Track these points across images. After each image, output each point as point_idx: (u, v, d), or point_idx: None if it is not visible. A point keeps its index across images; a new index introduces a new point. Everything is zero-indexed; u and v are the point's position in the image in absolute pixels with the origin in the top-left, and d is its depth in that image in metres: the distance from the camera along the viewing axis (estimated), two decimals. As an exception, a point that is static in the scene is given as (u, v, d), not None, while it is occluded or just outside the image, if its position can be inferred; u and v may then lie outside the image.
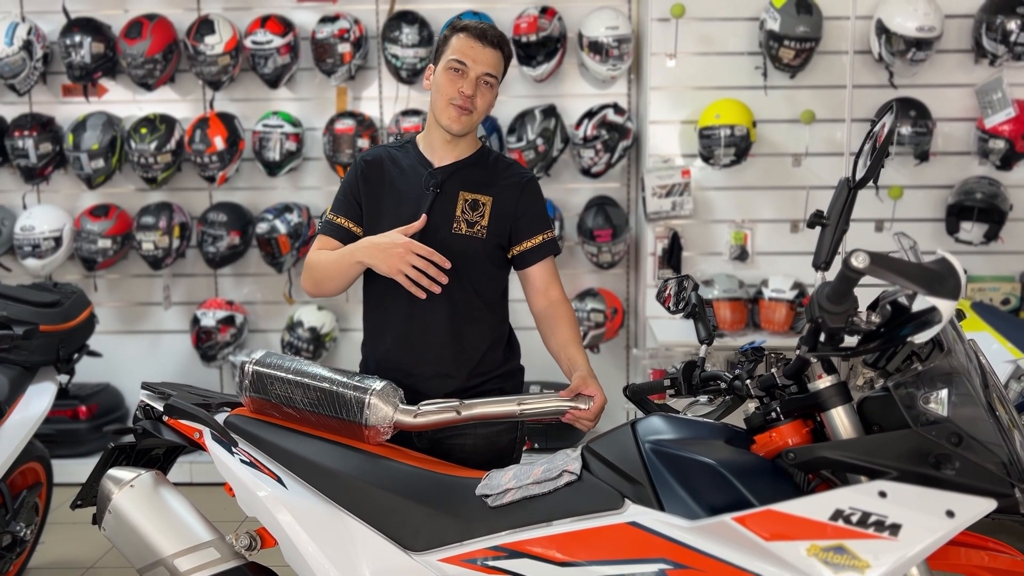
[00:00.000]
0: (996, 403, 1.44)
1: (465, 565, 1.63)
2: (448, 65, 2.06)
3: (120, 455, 2.10)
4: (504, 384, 2.17)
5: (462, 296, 2.10)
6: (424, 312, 2.09)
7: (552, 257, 2.18)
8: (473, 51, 2.05)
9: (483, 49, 2.05)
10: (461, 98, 2.04)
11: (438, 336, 2.10)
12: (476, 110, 2.07)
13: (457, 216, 2.10)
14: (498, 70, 2.09)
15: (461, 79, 2.05)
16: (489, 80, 2.07)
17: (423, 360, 2.10)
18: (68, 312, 3.14)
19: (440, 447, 2.05)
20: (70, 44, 4.23)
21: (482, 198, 2.12)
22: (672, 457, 1.53)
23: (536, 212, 2.16)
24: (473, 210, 2.11)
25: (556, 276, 2.19)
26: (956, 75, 4.12)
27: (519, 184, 2.15)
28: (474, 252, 2.10)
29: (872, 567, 1.31)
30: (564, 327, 2.11)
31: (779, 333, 4.02)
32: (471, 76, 2.04)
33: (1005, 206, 4.05)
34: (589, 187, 4.42)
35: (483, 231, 2.11)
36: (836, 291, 1.35)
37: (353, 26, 4.24)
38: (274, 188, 4.48)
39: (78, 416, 4.30)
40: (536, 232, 2.15)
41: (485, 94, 2.08)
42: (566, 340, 2.08)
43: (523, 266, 2.16)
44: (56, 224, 4.32)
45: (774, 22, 3.93)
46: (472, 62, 2.04)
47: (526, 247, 2.14)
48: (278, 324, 4.54)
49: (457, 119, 2.07)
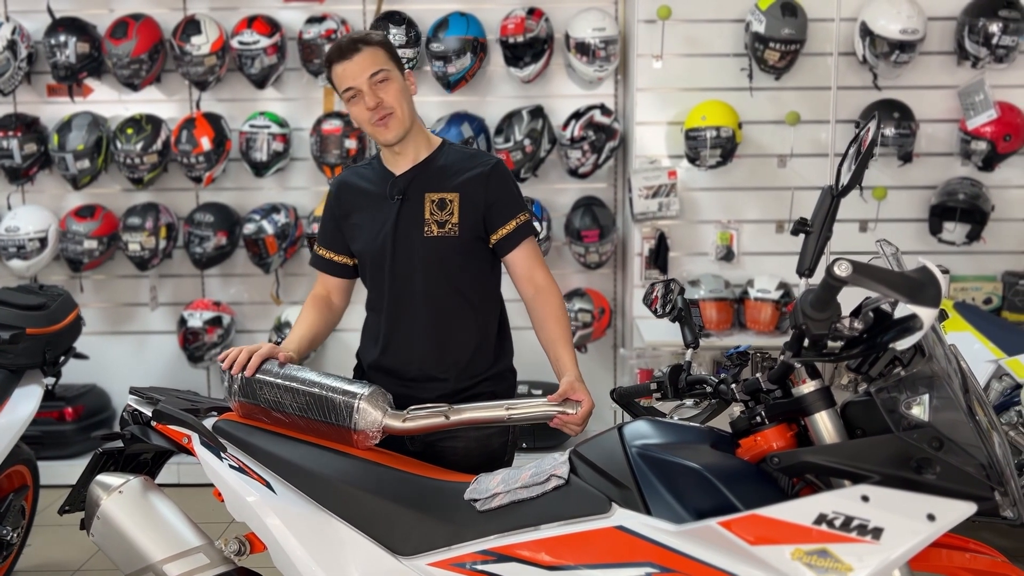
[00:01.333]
0: (976, 406, 1.46)
1: (454, 569, 1.64)
2: (345, 99, 2.09)
3: (108, 460, 2.09)
4: (496, 387, 2.17)
5: (444, 298, 2.11)
6: (408, 318, 2.11)
7: (532, 238, 2.16)
8: (346, 72, 2.05)
9: (352, 62, 2.05)
10: (372, 114, 2.06)
11: (423, 341, 2.11)
12: (393, 109, 2.07)
13: (426, 219, 2.09)
14: (380, 63, 2.06)
15: (360, 100, 2.06)
16: (380, 77, 2.05)
17: (410, 365, 2.12)
18: (54, 315, 3.13)
19: (433, 450, 2.06)
20: (55, 44, 4.21)
21: (448, 196, 2.11)
22: (658, 461, 1.54)
23: (506, 197, 2.14)
24: (441, 209, 2.10)
25: (538, 258, 2.16)
26: (939, 77, 4.16)
27: (484, 173, 2.12)
28: (450, 252, 2.10)
29: (855, 570, 1.33)
30: (552, 321, 2.09)
31: (765, 333, 4.05)
32: (364, 90, 2.04)
33: (987, 207, 4.10)
34: (576, 187, 4.44)
35: (455, 228, 2.10)
36: (819, 298, 1.37)
37: (340, 26, 4.23)
38: (261, 189, 4.47)
39: (64, 418, 4.27)
40: (509, 217, 2.13)
41: (388, 89, 2.06)
42: (554, 337, 2.08)
43: (504, 253, 2.15)
44: (41, 225, 4.29)
45: (759, 24, 3.96)
46: (353, 80, 2.05)
47: (502, 234, 2.13)
48: (265, 325, 4.53)
49: (384, 130, 2.08)
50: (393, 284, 2.12)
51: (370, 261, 2.16)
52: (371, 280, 2.19)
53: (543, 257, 2.20)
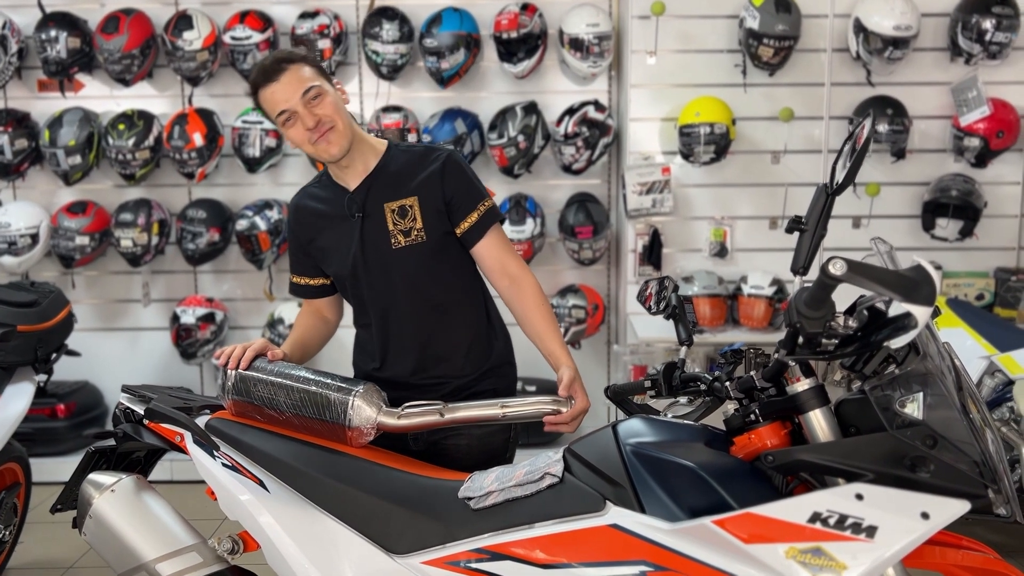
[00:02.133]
0: (969, 404, 1.47)
1: (448, 568, 1.64)
2: (280, 123, 1.99)
3: (100, 459, 2.09)
4: (498, 384, 2.15)
5: (428, 303, 2.08)
6: (397, 329, 2.10)
7: (497, 225, 2.10)
8: (275, 94, 1.96)
9: (280, 84, 1.95)
10: (312, 134, 1.97)
11: (416, 348, 2.09)
12: (334, 122, 1.98)
13: (391, 231, 2.04)
14: (307, 80, 1.97)
15: (296, 122, 1.97)
16: (312, 92, 1.96)
17: (409, 373, 2.10)
18: (46, 312, 3.11)
19: (436, 448, 2.05)
20: (45, 39, 4.18)
21: (407, 201, 2.05)
22: (652, 460, 1.54)
23: (464, 188, 2.07)
24: (403, 217, 2.04)
25: (507, 246, 2.10)
26: (932, 73, 4.17)
27: (438, 169, 2.06)
28: (423, 258, 2.06)
29: (849, 568, 1.33)
30: (535, 313, 2.04)
31: (758, 329, 4.06)
32: (299, 111, 1.95)
33: (980, 203, 4.10)
34: (570, 184, 4.43)
35: (421, 234, 2.04)
36: (814, 297, 1.37)
37: (333, 22, 4.22)
38: (254, 184, 4.46)
39: (56, 415, 4.26)
40: (471, 208, 2.06)
41: (323, 104, 1.97)
42: (540, 330, 2.03)
43: (472, 244, 2.08)
44: (33, 221, 4.27)
45: (753, 20, 3.95)
46: (285, 103, 1.95)
47: (465, 227, 2.07)
48: (259, 321, 4.52)
49: (328, 146, 1.99)
50: (374, 300, 2.10)
51: (346, 282, 2.12)
52: (352, 298, 2.16)
53: (511, 244, 2.14)
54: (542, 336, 2.03)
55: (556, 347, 2.01)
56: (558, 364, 1.98)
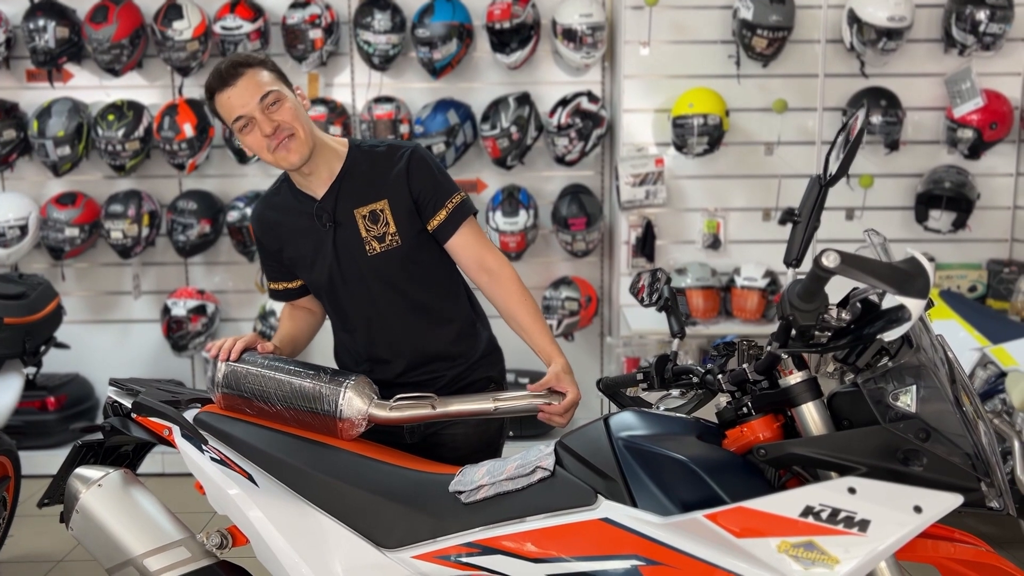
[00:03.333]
0: (962, 396, 1.46)
1: (438, 562, 1.63)
2: (237, 129, 1.92)
3: (88, 452, 2.06)
4: (490, 370, 2.14)
5: (410, 307, 2.05)
6: (382, 333, 2.07)
7: (471, 219, 2.04)
8: (232, 99, 1.88)
9: (236, 89, 1.88)
10: (271, 139, 1.90)
11: (403, 349, 2.07)
12: (294, 129, 1.90)
13: (364, 237, 1.99)
14: (267, 84, 1.89)
15: (253, 128, 1.90)
16: (270, 98, 1.89)
17: (398, 373, 2.09)
18: (34, 304, 3.09)
19: (433, 439, 2.04)
20: (34, 28, 4.14)
21: (377, 205, 1.99)
22: (644, 453, 1.53)
23: (431, 185, 2.01)
24: (375, 223, 1.99)
25: (482, 240, 2.04)
26: (926, 65, 4.16)
27: (403, 168, 2.00)
28: (399, 262, 2.01)
29: (842, 562, 1.32)
30: (518, 308, 2.00)
31: (751, 321, 4.06)
32: (257, 116, 1.89)
33: (973, 195, 4.10)
34: (563, 175, 4.42)
35: (396, 238, 1.99)
36: (807, 289, 1.36)
37: (324, 12, 4.18)
38: (245, 175, 4.43)
39: (47, 407, 4.24)
40: (440, 204, 2.01)
41: (282, 110, 1.90)
42: (526, 325, 1.99)
43: (445, 240, 2.03)
44: (22, 212, 4.24)
45: (747, 11, 3.94)
46: (243, 108, 1.88)
47: (435, 224, 2.01)
48: (250, 313, 4.50)
49: (288, 155, 1.91)
50: (356, 308, 2.06)
51: (323, 291, 2.09)
52: (330, 307, 2.12)
53: (486, 237, 2.08)
54: (528, 331, 2.00)
55: (544, 341, 1.97)
56: (548, 359, 1.95)
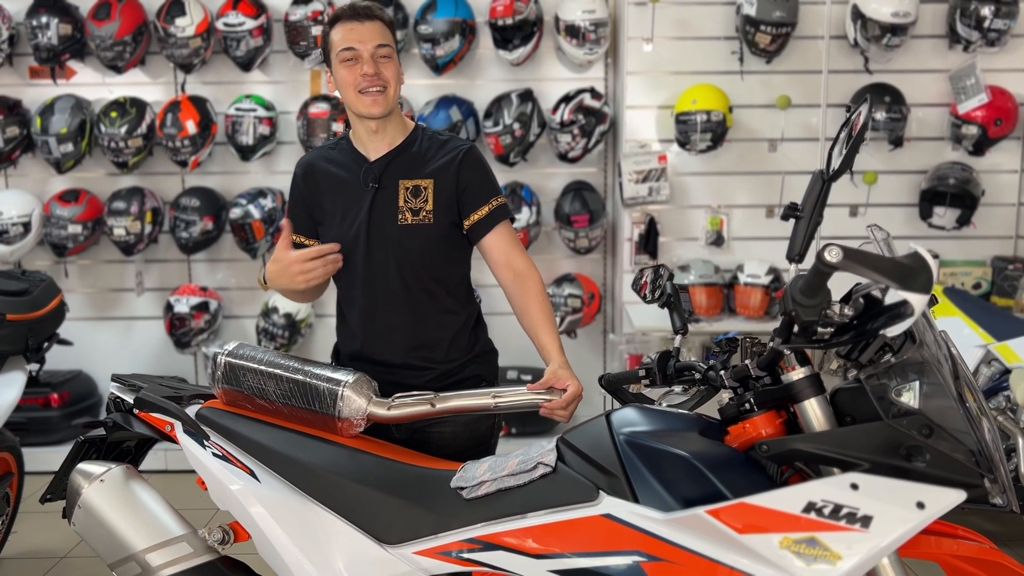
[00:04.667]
0: (966, 392, 1.45)
1: (440, 557, 1.62)
2: (340, 58, 2.03)
3: (90, 448, 2.07)
4: (482, 369, 2.16)
5: (420, 287, 2.07)
6: (384, 309, 2.08)
7: (508, 223, 2.12)
8: (355, 32, 2.02)
9: (363, 26, 2.02)
10: (366, 80, 2.01)
11: (402, 330, 2.08)
12: (388, 84, 2.03)
13: (401, 207, 2.06)
14: (387, 39, 2.04)
15: (357, 64, 2.02)
16: (384, 52, 2.03)
17: (392, 355, 2.09)
18: (37, 301, 3.09)
19: (420, 436, 2.04)
20: (36, 25, 4.14)
21: (423, 182, 2.07)
22: (646, 449, 1.53)
23: (479, 181, 2.10)
24: (416, 196, 2.07)
25: (516, 243, 2.12)
26: (930, 61, 4.15)
27: (456, 158, 2.09)
28: (425, 239, 2.06)
29: (844, 558, 1.32)
30: (534, 306, 2.05)
31: (754, 318, 4.05)
32: (365, 56, 2.01)
33: (977, 191, 4.09)
34: (566, 172, 4.41)
35: (429, 216, 2.06)
36: (809, 284, 1.35)
37: (327, 8, 4.18)
38: (247, 173, 4.43)
39: (50, 404, 4.24)
40: (482, 202, 2.09)
41: (388, 66, 2.04)
42: (536, 323, 2.04)
43: (478, 238, 2.10)
44: (25, 209, 4.24)
45: (750, 7, 3.92)
46: (359, 43, 2.01)
47: (474, 219, 2.08)
48: (253, 310, 4.50)
49: (373, 102, 2.03)
50: (367, 273, 2.08)
51: (342, 250, 2.09)
52: (343, 269, 2.12)
53: (519, 239, 2.16)
54: (537, 329, 2.05)
55: (548, 340, 2.02)
56: (548, 357, 1.99)
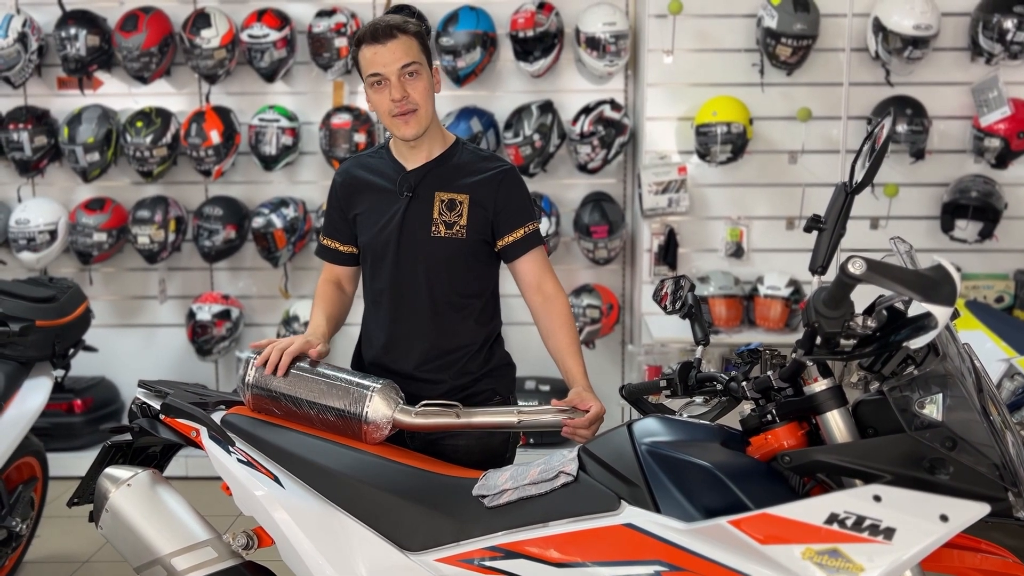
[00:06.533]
0: (990, 406, 1.45)
1: (462, 565, 1.63)
2: (369, 83, 2.02)
3: (117, 453, 2.09)
4: (497, 384, 2.16)
5: (445, 299, 2.09)
6: (408, 316, 2.10)
7: (541, 248, 2.13)
8: (377, 56, 1.98)
9: (385, 47, 1.98)
10: (396, 105, 2.00)
11: (423, 340, 2.10)
12: (419, 106, 2.01)
13: (435, 219, 2.06)
14: (412, 55, 2.00)
15: (385, 88, 2.00)
16: (411, 69, 1.99)
17: (410, 364, 2.11)
18: (64, 307, 3.13)
19: (434, 447, 2.05)
20: (65, 36, 4.21)
21: (459, 197, 2.07)
22: (668, 459, 1.53)
23: (516, 205, 2.10)
24: (451, 210, 2.07)
25: (547, 268, 2.13)
26: (952, 73, 4.13)
27: (495, 178, 2.09)
28: (456, 253, 2.07)
29: (866, 570, 1.32)
30: (560, 331, 2.08)
31: (774, 330, 4.04)
32: (392, 80, 1.98)
33: (1000, 204, 4.07)
34: (585, 183, 4.42)
35: (463, 231, 2.06)
36: (833, 296, 1.36)
37: (350, 20, 4.22)
38: (270, 182, 4.48)
39: (73, 410, 4.29)
40: (517, 225, 2.09)
41: (416, 85, 2.00)
42: (563, 347, 2.06)
43: (510, 260, 2.12)
44: (51, 217, 4.30)
45: (771, 19, 3.93)
46: (383, 67, 1.98)
47: (508, 241, 2.09)
48: (274, 318, 4.54)
49: (405, 125, 2.02)
50: (395, 281, 2.10)
51: (372, 256, 2.13)
52: (372, 274, 2.16)
53: (550, 263, 2.17)
54: (563, 353, 2.07)
55: (574, 363, 2.05)
56: (573, 381, 2.02)
